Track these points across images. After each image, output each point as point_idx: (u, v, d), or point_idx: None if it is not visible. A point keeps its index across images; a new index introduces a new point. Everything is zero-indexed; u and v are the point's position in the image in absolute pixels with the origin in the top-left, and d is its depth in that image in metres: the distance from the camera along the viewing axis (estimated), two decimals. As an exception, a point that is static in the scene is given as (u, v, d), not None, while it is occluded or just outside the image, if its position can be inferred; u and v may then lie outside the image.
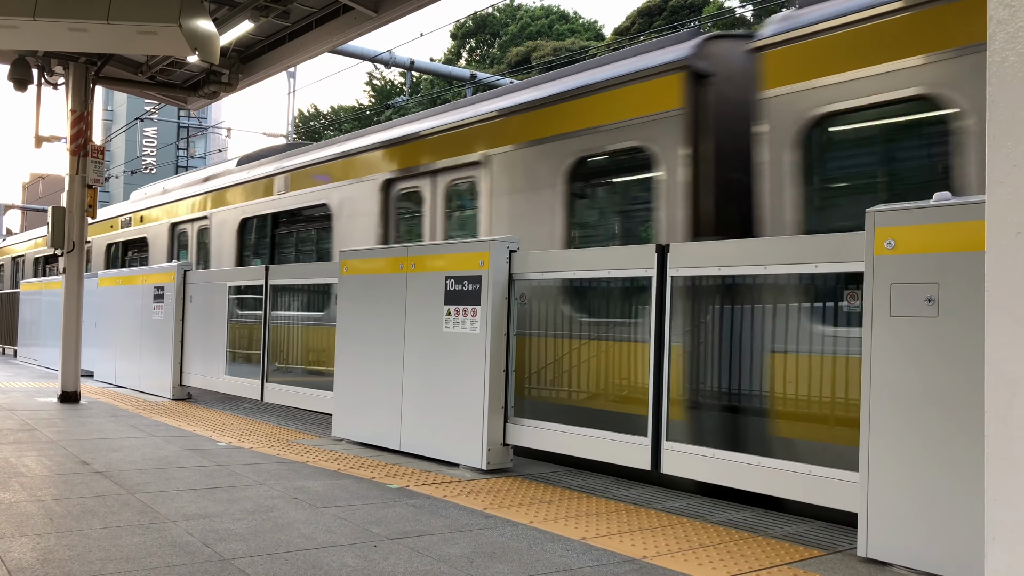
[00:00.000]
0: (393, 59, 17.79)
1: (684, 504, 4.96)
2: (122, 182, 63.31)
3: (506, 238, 5.85)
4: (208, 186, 12.37)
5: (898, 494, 3.67)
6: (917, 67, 4.63)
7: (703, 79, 5.77)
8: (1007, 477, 1.82)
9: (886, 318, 3.74)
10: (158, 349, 10.14)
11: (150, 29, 6.71)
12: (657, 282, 4.93)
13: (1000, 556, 1.82)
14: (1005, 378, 1.84)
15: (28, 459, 5.77)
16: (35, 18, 6.62)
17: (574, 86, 6.65)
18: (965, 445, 3.46)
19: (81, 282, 9.40)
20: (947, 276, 3.56)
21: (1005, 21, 1.86)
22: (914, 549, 3.61)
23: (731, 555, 3.88)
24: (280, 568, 3.49)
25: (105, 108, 76.51)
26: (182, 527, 4.10)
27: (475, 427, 5.72)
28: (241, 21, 8.40)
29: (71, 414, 8.26)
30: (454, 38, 48.06)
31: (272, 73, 9.87)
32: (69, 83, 9.52)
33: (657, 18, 33.12)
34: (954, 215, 3.57)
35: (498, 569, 3.58)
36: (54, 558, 3.51)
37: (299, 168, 10.06)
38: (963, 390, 3.48)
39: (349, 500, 4.82)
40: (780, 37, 5.29)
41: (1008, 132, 1.85)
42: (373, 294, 6.68)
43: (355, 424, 6.83)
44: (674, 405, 5.01)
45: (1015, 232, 1.83)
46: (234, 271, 9.84)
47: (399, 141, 8.46)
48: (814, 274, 4.50)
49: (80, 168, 9.34)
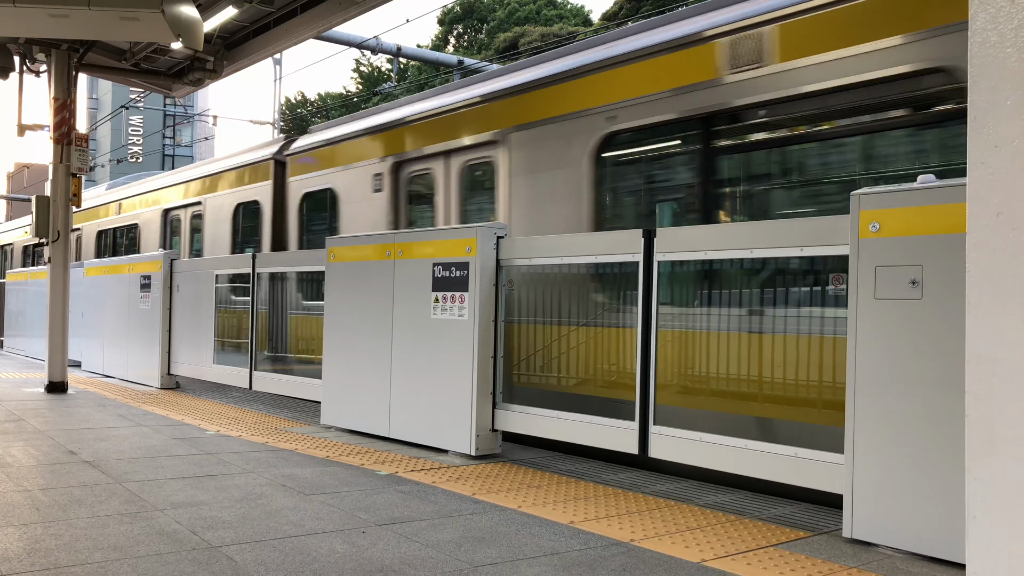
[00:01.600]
0: (380, 45, 17.66)
1: (672, 487, 4.99)
2: (108, 171, 62.81)
3: (494, 224, 5.84)
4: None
5: (882, 475, 3.70)
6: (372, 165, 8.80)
7: (280, 164, 10.50)
8: (987, 456, 1.84)
9: (871, 300, 3.76)
10: (146, 338, 10.09)
11: (132, 15, 6.64)
12: (644, 267, 4.94)
13: (980, 533, 1.84)
14: (985, 358, 1.85)
15: (15, 449, 5.74)
16: (15, 4, 6.55)
17: (228, 166, 11.59)
18: (948, 426, 3.49)
19: (67, 271, 9.33)
20: (931, 258, 3.58)
21: (986, 1, 1.86)
22: (898, 529, 3.64)
23: (718, 537, 3.91)
24: (269, 555, 3.49)
25: (90, 96, 75.76)
26: (170, 515, 4.09)
27: (463, 413, 5.73)
28: (225, 7, 8.32)
29: (58, 404, 8.22)
30: (441, 24, 47.77)
31: (257, 59, 9.79)
32: (51, 70, 9.42)
33: (644, 2, 32.98)
34: (938, 197, 3.58)
35: (486, 554, 3.59)
36: (41, 547, 3.50)
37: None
38: (947, 371, 3.50)
39: (338, 487, 4.82)
40: (294, 148, 10.26)
41: (989, 113, 1.85)
42: (361, 281, 6.66)
43: (344, 411, 6.82)
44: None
45: (996, 213, 1.84)
46: (222, 259, 9.79)
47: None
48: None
49: (64, 156, 9.25)
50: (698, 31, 5.80)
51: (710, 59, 5.66)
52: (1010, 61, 1.82)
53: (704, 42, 5.73)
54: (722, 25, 5.62)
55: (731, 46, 5.53)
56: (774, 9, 5.35)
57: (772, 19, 5.33)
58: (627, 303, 5.44)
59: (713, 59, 5.65)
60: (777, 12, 5.32)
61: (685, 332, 5.15)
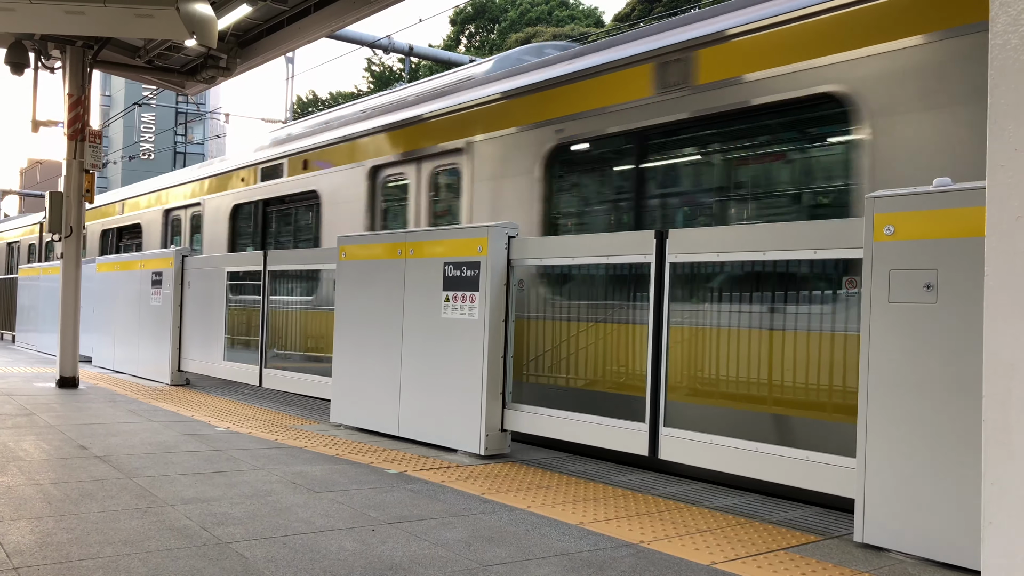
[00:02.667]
0: (392, 45, 17.71)
1: (682, 490, 4.97)
2: (120, 168, 63.07)
3: (505, 224, 5.84)
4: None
5: (894, 480, 3.68)
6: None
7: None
8: (1005, 461, 1.82)
9: (885, 304, 3.74)
10: (156, 335, 10.13)
11: (147, 12, 6.67)
12: (656, 268, 4.92)
13: (997, 540, 1.83)
14: (1004, 363, 1.83)
15: (26, 443, 5.77)
16: (32, 1, 6.58)
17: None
18: (962, 431, 3.47)
19: (79, 267, 9.38)
20: (946, 262, 3.56)
21: (1008, 3, 1.85)
22: (910, 534, 3.62)
23: (728, 540, 3.90)
24: (278, 552, 3.50)
25: (103, 94, 76.17)
26: (180, 511, 4.10)
27: (473, 413, 5.73)
28: (239, 5, 8.35)
29: (69, 399, 8.26)
30: (453, 24, 47.82)
31: (270, 58, 9.81)
32: (66, 67, 9.47)
33: (657, 4, 32.92)
34: (954, 201, 3.56)
35: (496, 553, 3.59)
36: (52, 541, 3.52)
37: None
38: (961, 376, 3.48)
39: (347, 485, 4.83)
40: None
41: (1009, 115, 1.84)
42: (371, 280, 6.67)
43: (353, 410, 6.83)
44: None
45: (1015, 216, 1.82)
46: (232, 256, 9.82)
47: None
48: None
49: (77, 153, 9.30)
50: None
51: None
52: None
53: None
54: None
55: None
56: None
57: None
58: (638, 303, 5.43)
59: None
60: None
61: (703, 330, 5.14)
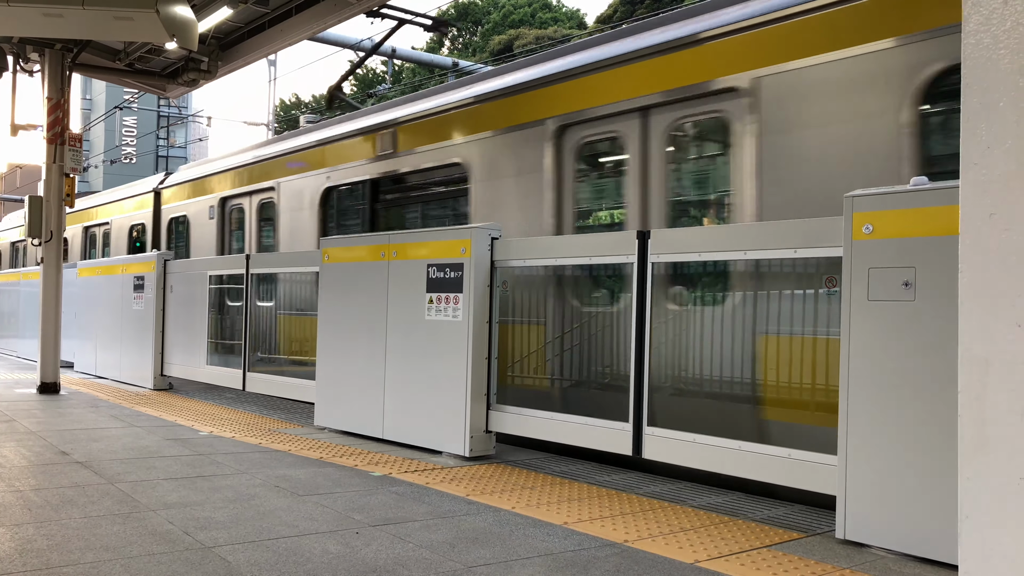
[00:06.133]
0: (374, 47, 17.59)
1: (666, 489, 4.99)
2: (102, 172, 62.52)
3: (488, 225, 5.85)
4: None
5: (875, 476, 3.71)
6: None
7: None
8: (979, 456, 1.84)
9: (864, 302, 3.77)
10: (139, 339, 10.06)
11: (126, 15, 6.62)
12: (638, 268, 4.94)
13: (973, 534, 1.84)
14: (978, 359, 1.85)
15: (6, 450, 5.72)
16: (9, 3, 6.52)
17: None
18: (940, 427, 3.50)
19: (60, 272, 9.30)
20: (924, 260, 3.59)
21: (980, 2, 1.87)
22: (891, 530, 3.65)
23: (711, 538, 3.91)
24: (262, 555, 3.48)
25: (84, 97, 75.45)
26: (163, 516, 4.08)
27: (458, 414, 5.73)
28: (220, 7, 8.30)
29: (50, 405, 8.19)
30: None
31: (252, 60, 9.78)
32: (45, 70, 9.39)
33: (639, 6, 33.01)
34: (931, 199, 3.59)
35: (480, 554, 3.59)
36: (33, 548, 3.49)
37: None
38: (939, 373, 3.51)
39: (331, 488, 4.81)
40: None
41: (981, 114, 1.86)
42: (355, 282, 6.65)
43: (337, 413, 6.81)
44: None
45: (988, 214, 1.85)
46: (215, 260, 9.77)
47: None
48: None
49: (57, 156, 9.22)
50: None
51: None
52: (1003, 63, 1.82)
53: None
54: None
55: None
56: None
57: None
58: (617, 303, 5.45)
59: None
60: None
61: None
